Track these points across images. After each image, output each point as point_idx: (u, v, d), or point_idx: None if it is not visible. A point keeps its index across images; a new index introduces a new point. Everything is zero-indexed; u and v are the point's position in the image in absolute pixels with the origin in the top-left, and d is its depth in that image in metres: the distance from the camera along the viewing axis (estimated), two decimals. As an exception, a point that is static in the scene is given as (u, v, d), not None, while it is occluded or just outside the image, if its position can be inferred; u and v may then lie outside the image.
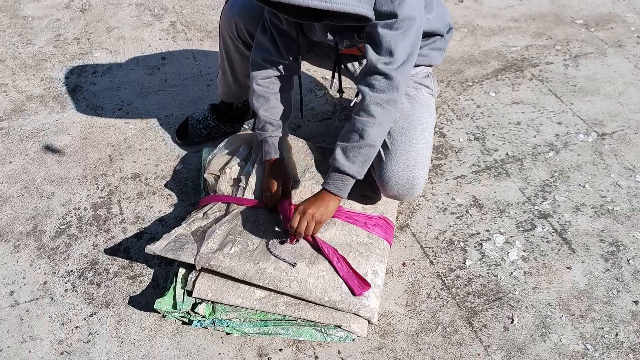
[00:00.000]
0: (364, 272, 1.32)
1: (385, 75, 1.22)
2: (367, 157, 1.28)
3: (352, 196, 1.42)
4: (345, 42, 1.38)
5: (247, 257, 1.31)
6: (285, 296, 1.31)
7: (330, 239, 1.37)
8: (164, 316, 1.36)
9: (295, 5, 1.08)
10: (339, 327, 1.30)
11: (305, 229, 1.29)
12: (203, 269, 1.33)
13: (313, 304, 1.29)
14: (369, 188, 1.50)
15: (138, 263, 1.51)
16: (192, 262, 1.31)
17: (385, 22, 1.18)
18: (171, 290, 1.35)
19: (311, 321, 1.30)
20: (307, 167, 1.56)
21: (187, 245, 1.35)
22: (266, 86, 1.46)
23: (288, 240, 1.35)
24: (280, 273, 1.29)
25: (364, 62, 1.28)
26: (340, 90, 1.57)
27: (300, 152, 1.60)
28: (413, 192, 1.41)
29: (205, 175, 1.58)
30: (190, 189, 1.71)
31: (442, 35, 1.49)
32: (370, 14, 1.14)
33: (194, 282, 1.33)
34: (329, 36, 1.36)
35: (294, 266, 1.29)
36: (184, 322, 1.36)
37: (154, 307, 1.33)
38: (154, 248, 1.36)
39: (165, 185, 1.72)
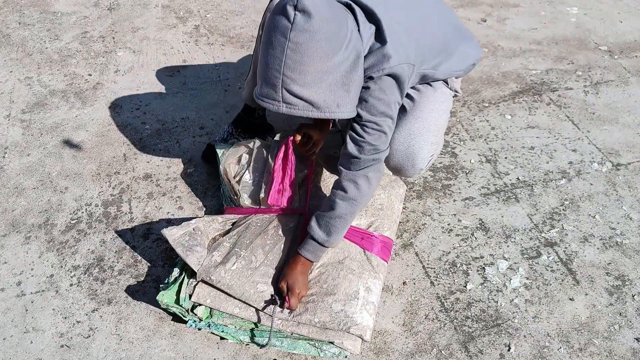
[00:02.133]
0: (355, 289, 1.33)
1: (357, 159, 1.31)
2: (336, 227, 1.32)
3: None
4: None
5: (248, 276, 1.33)
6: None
7: (323, 258, 1.39)
8: (165, 310, 1.38)
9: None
10: (333, 343, 1.31)
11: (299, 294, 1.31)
12: (203, 280, 1.35)
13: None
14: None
15: (143, 262, 1.54)
16: (195, 270, 1.33)
17: (356, 119, 1.28)
18: (176, 285, 1.36)
19: (305, 336, 1.31)
20: (306, 176, 1.55)
21: (197, 248, 1.37)
22: None
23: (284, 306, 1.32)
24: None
25: None
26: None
27: (301, 160, 1.60)
28: (414, 163, 1.43)
29: (223, 179, 1.60)
30: (200, 192, 1.73)
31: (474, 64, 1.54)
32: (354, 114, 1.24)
33: (194, 287, 1.35)
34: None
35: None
36: (179, 320, 1.37)
37: (157, 297, 1.35)
38: (169, 234, 1.38)
39: (176, 188, 1.75)
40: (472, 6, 2.68)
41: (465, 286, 1.49)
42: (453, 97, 1.54)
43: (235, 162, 1.60)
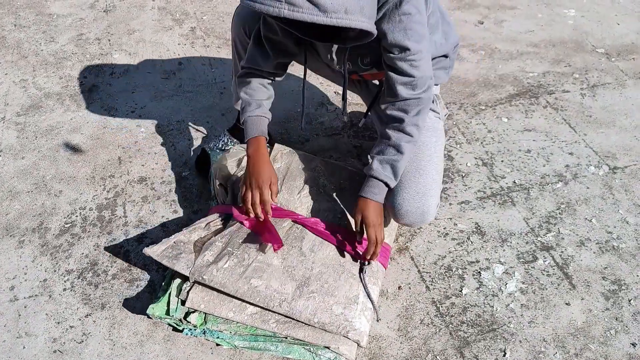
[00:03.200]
0: (355, 294, 1.32)
1: (417, 100, 1.29)
2: (401, 169, 1.33)
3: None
4: (349, 67, 1.40)
5: (240, 273, 1.32)
6: (276, 314, 1.31)
7: (324, 259, 1.37)
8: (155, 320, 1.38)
9: (301, 22, 1.06)
10: (328, 348, 1.30)
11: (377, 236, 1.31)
12: (197, 282, 1.34)
13: (303, 324, 1.29)
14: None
15: (137, 267, 1.53)
16: (186, 274, 1.33)
17: (400, 55, 1.23)
18: (166, 296, 1.36)
19: (301, 340, 1.30)
20: (307, 180, 1.56)
21: (183, 254, 1.37)
22: (252, 89, 1.46)
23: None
24: (271, 292, 1.29)
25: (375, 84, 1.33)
26: (345, 112, 1.56)
27: (302, 165, 1.60)
28: (425, 219, 1.39)
29: (216, 184, 1.59)
30: (194, 196, 1.72)
31: (447, 56, 1.49)
32: (373, 29, 1.12)
33: (187, 292, 1.34)
34: (334, 59, 1.38)
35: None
36: (175, 329, 1.37)
37: (147, 312, 1.34)
38: (151, 251, 1.38)
39: (171, 191, 1.74)
40: (469, 8, 2.67)
41: (460, 291, 1.48)
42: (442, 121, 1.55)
43: (233, 164, 1.59)
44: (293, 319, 1.29)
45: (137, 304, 1.44)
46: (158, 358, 1.33)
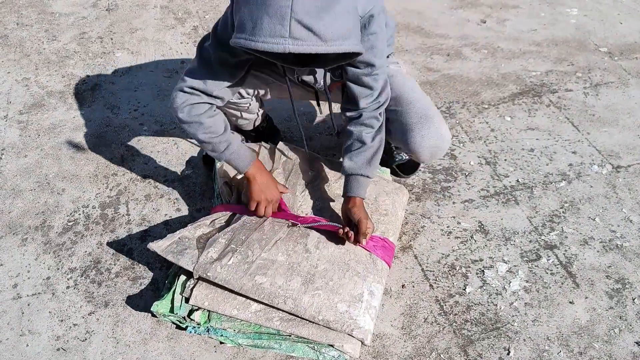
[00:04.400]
0: (360, 292, 1.32)
1: (377, 104, 1.37)
2: (377, 159, 1.40)
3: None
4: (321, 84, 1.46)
5: (245, 270, 1.31)
6: (280, 311, 1.31)
7: (329, 256, 1.37)
8: (159, 318, 1.38)
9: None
10: (332, 346, 1.30)
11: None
12: (201, 278, 1.34)
13: (307, 322, 1.29)
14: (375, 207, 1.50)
15: (140, 265, 1.53)
16: (191, 270, 1.32)
17: (365, 71, 1.30)
18: (170, 294, 1.36)
19: (304, 338, 1.30)
20: (310, 180, 1.56)
21: (188, 250, 1.37)
22: (195, 114, 1.34)
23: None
24: (276, 289, 1.29)
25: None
26: (337, 133, 1.57)
27: (305, 164, 1.60)
28: (443, 142, 1.47)
29: (220, 183, 1.59)
30: (197, 194, 1.72)
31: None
32: (362, 49, 1.13)
33: (191, 290, 1.34)
34: (317, 79, 1.45)
35: None
36: (178, 327, 1.37)
37: (151, 309, 1.34)
38: (156, 246, 1.37)
39: (174, 189, 1.74)
40: (471, 7, 2.67)
41: (464, 289, 1.48)
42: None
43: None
44: (297, 316, 1.29)
45: (140, 302, 1.44)
46: (162, 356, 1.33)
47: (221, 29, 1.23)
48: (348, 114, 1.40)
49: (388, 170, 1.73)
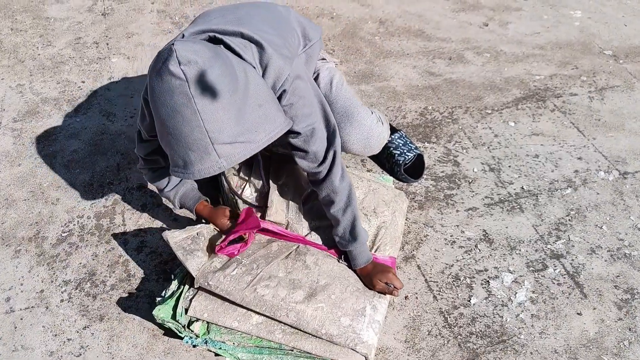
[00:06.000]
0: (362, 306, 1.28)
1: (319, 168, 1.30)
2: (358, 223, 1.35)
3: None
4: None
5: (248, 281, 1.27)
6: (282, 324, 1.27)
7: (329, 271, 1.33)
8: (159, 325, 1.33)
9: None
10: (334, 361, 1.26)
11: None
12: (201, 288, 1.30)
13: (310, 336, 1.25)
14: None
15: (136, 277, 1.49)
16: (194, 275, 1.28)
17: (293, 138, 1.24)
18: (173, 299, 1.32)
19: (308, 353, 1.26)
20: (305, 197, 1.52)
21: (199, 252, 1.33)
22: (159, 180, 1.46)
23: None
24: (278, 301, 1.25)
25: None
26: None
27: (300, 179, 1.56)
28: (372, 135, 1.51)
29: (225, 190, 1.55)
30: (195, 203, 1.68)
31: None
32: (289, 123, 1.14)
33: (190, 300, 1.30)
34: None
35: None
36: (177, 336, 1.33)
37: (153, 312, 1.30)
38: (171, 237, 1.34)
39: (170, 198, 1.70)
40: (473, 10, 2.63)
41: (469, 301, 1.44)
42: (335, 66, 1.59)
43: (235, 172, 1.55)
44: (300, 329, 1.25)
45: (136, 316, 1.40)
46: (158, 372, 1.29)
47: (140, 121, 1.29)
48: (310, 183, 1.37)
49: (391, 179, 1.69)
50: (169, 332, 1.34)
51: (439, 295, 1.45)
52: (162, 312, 1.30)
